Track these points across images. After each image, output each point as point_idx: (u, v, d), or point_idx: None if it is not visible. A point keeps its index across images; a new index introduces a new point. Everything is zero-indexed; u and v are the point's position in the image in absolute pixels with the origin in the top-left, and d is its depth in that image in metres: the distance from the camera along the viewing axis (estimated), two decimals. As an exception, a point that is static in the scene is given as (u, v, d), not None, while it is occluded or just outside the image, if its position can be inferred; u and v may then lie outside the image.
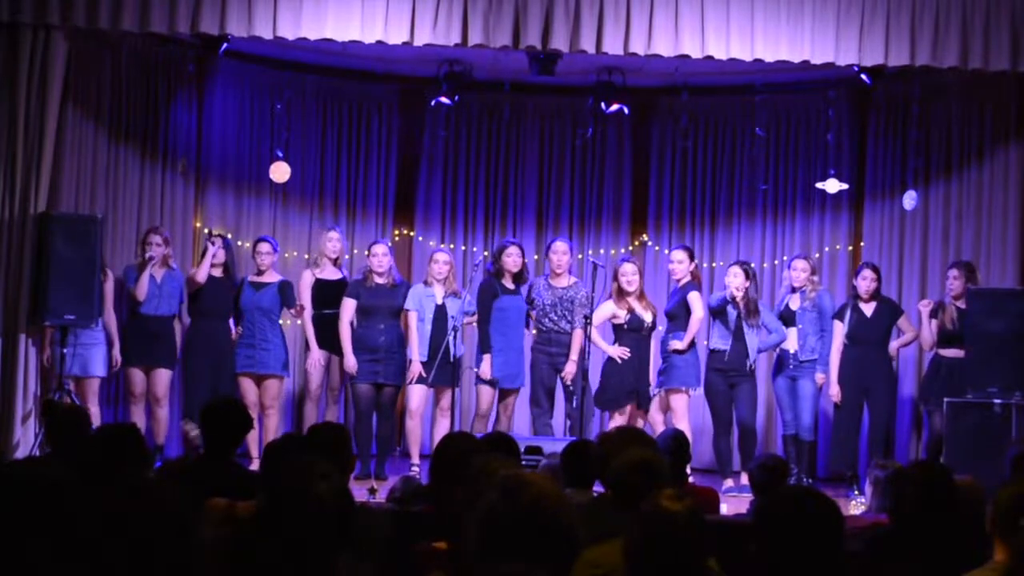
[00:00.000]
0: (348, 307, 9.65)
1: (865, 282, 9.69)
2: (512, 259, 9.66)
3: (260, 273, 9.83)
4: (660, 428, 9.36)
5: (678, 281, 9.83)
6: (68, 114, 9.00)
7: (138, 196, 10.12)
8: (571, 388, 9.53)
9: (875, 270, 9.80)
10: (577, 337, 9.58)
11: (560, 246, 9.82)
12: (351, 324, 9.68)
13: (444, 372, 9.52)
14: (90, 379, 9.16)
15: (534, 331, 9.78)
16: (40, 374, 8.97)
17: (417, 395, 9.65)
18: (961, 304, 9.43)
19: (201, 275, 9.59)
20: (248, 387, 9.67)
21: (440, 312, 9.59)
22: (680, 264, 9.81)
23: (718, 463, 9.87)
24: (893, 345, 9.87)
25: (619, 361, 9.56)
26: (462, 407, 10.69)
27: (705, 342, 10.02)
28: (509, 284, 9.69)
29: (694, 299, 9.64)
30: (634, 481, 4.40)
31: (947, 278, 9.64)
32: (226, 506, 4.34)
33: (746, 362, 9.62)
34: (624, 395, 9.62)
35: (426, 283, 9.71)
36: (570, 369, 9.56)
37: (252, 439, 9.48)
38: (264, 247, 9.86)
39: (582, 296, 9.68)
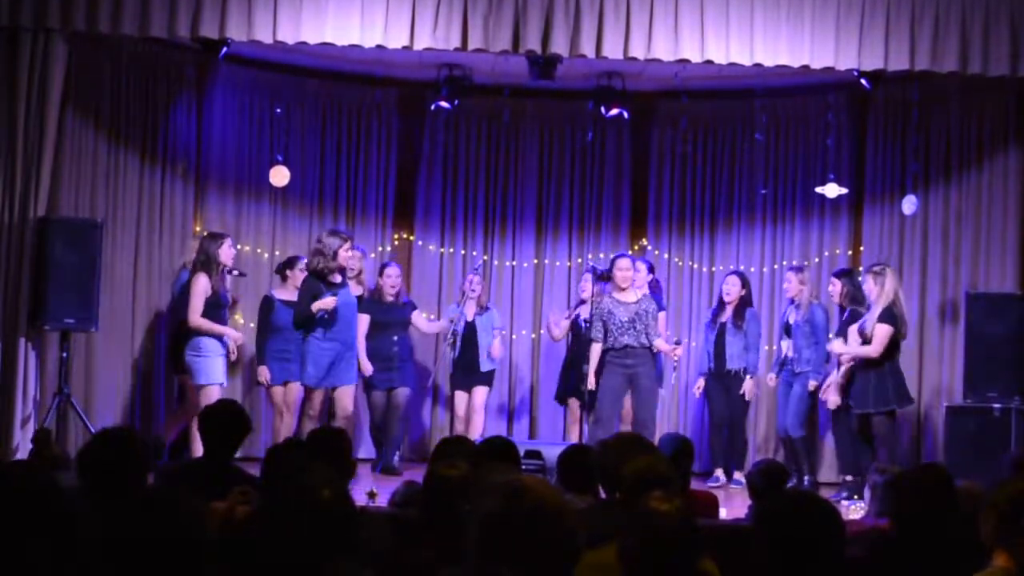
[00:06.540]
0: (363, 321, 10.06)
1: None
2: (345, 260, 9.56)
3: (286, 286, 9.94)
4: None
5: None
6: (68, 118, 9.00)
7: (138, 200, 10.11)
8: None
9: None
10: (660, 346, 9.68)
11: (624, 263, 9.73)
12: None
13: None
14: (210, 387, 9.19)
15: (607, 347, 9.52)
16: (39, 378, 8.96)
17: (460, 400, 10.29)
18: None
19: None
20: (279, 393, 9.72)
21: (470, 329, 10.23)
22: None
23: (711, 457, 10.33)
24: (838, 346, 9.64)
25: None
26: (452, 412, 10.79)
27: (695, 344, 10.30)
28: (335, 279, 9.49)
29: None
30: (645, 487, 4.40)
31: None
32: (225, 510, 4.33)
33: (723, 364, 10.06)
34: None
35: (459, 302, 10.31)
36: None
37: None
38: (300, 265, 9.89)
39: (651, 308, 9.63)
